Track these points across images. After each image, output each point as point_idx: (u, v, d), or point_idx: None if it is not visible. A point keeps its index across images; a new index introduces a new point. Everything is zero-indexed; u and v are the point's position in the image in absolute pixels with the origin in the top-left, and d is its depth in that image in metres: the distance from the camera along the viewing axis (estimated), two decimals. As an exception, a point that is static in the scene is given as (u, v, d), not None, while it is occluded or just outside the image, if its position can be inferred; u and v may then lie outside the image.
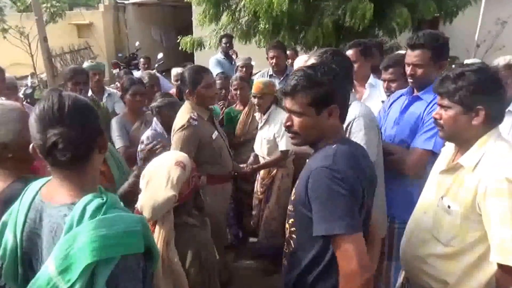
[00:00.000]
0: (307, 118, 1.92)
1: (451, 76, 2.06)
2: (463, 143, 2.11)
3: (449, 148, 2.28)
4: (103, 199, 1.47)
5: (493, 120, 2.03)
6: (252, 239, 4.85)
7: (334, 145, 1.89)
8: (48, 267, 1.37)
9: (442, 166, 2.24)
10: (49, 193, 1.56)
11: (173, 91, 6.14)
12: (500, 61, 3.49)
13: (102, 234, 1.36)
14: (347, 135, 2.53)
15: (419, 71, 2.90)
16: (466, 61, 5.25)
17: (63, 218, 1.45)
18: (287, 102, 1.97)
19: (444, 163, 2.24)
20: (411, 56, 2.93)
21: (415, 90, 3.05)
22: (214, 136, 3.53)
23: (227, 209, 4.05)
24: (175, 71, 6.15)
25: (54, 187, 1.55)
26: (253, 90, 4.24)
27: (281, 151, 4.15)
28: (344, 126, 2.38)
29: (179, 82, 5.82)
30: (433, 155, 2.76)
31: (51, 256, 1.38)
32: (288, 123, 1.99)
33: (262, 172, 4.35)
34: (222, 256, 3.76)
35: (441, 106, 2.13)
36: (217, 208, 3.61)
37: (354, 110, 2.58)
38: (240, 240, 5.02)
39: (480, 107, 1.99)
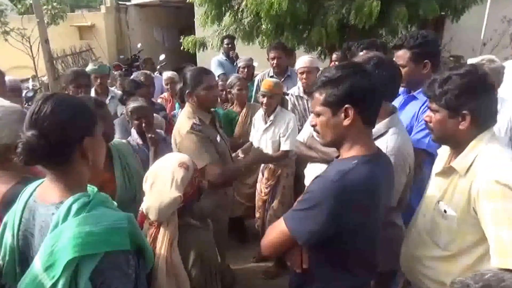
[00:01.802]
0: (323, 118, 1.91)
1: (438, 79, 2.05)
2: (455, 146, 2.10)
3: (445, 149, 2.25)
4: (89, 198, 1.52)
5: (483, 123, 2.01)
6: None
7: (354, 161, 1.83)
8: (35, 264, 1.42)
9: (438, 169, 2.22)
10: (42, 193, 1.62)
11: (164, 95, 6.07)
12: (473, 60, 3.48)
13: (86, 230, 1.39)
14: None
15: (402, 71, 2.93)
16: (469, 61, 5.20)
17: (51, 216, 1.50)
18: (311, 101, 1.99)
19: (440, 166, 2.22)
20: (395, 57, 3.05)
21: (411, 90, 3.10)
22: (218, 140, 3.46)
23: (229, 213, 3.97)
24: (166, 75, 6.13)
25: (46, 188, 1.61)
26: (263, 89, 4.20)
27: (283, 150, 4.15)
28: None
29: (169, 86, 5.77)
30: (428, 155, 2.78)
31: (38, 254, 1.44)
32: (312, 123, 1.99)
33: (266, 172, 4.34)
34: (224, 259, 3.72)
35: (430, 109, 2.12)
36: (220, 212, 3.53)
37: (387, 142, 2.41)
38: (243, 242, 5.01)
39: (465, 111, 1.96)
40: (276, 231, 1.96)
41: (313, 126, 2.00)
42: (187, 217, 2.20)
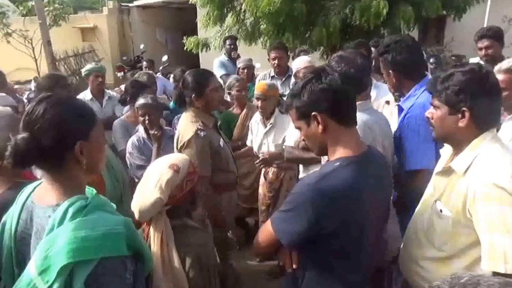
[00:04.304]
0: (303, 131, 1.96)
1: (441, 76, 2.03)
2: (456, 145, 2.07)
3: (448, 149, 2.22)
4: (86, 201, 1.48)
5: (484, 123, 1.97)
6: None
7: (336, 164, 1.83)
8: (30, 268, 1.39)
9: (439, 168, 2.20)
10: (39, 195, 1.60)
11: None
12: (504, 64, 3.37)
13: (81, 235, 1.36)
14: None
15: (387, 79, 2.96)
16: (471, 60, 5.21)
17: (47, 219, 1.47)
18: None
19: (441, 165, 2.19)
20: None
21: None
22: (222, 144, 3.42)
23: (234, 216, 3.98)
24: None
25: (44, 189, 1.58)
26: (257, 92, 4.18)
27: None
28: None
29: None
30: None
31: (33, 257, 1.40)
32: (301, 138, 2.07)
33: (270, 176, 4.31)
34: (228, 260, 3.72)
35: (433, 105, 2.10)
36: (226, 216, 3.54)
37: None
38: (245, 242, 4.96)
39: (465, 108, 1.94)
40: (265, 231, 1.98)
41: (303, 140, 2.06)
42: (184, 218, 2.19)
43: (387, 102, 3.54)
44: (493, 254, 1.79)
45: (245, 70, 5.88)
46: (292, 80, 5.10)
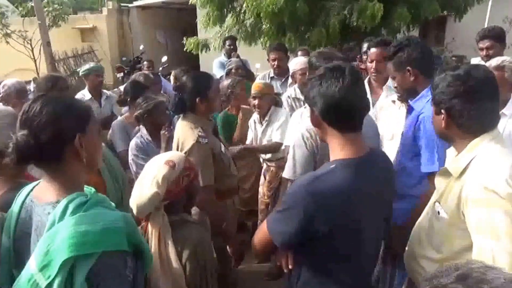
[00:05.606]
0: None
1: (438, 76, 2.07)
2: (454, 145, 2.09)
3: (453, 149, 2.20)
4: (86, 197, 1.51)
5: (468, 125, 1.97)
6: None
7: (332, 165, 1.82)
8: (30, 265, 1.40)
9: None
10: (38, 193, 1.62)
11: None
12: (493, 61, 3.34)
13: (81, 230, 1.37)
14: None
15: (401, 78, 2.90)
16: (472, 60, 5.20)
17: (46, 216, 1.50)
18: None
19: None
20: (387, 69, 3.05)
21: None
22: (223, 149, 3.39)
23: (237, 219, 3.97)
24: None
25: (43, 187, 1.61)
26: (253, 91, 4.23)
27: (274, 142, 4.18)
28: None
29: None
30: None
31: (33, 253, 1.42)
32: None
33: (268, 175, 4.33)
34: (230, 263, 3.71)
35: None
36: (228, 226, 3.51)
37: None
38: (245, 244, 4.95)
39: (442, 110, 1.98)
40: (261, 231, 1.98)
41: None
42: (183, 213, 2.23)
43: (393, 102, 3.48)
44: (482, 257, 1.79)
45: (238, 71, 5.80)
46: (289, 81, 5.10)
